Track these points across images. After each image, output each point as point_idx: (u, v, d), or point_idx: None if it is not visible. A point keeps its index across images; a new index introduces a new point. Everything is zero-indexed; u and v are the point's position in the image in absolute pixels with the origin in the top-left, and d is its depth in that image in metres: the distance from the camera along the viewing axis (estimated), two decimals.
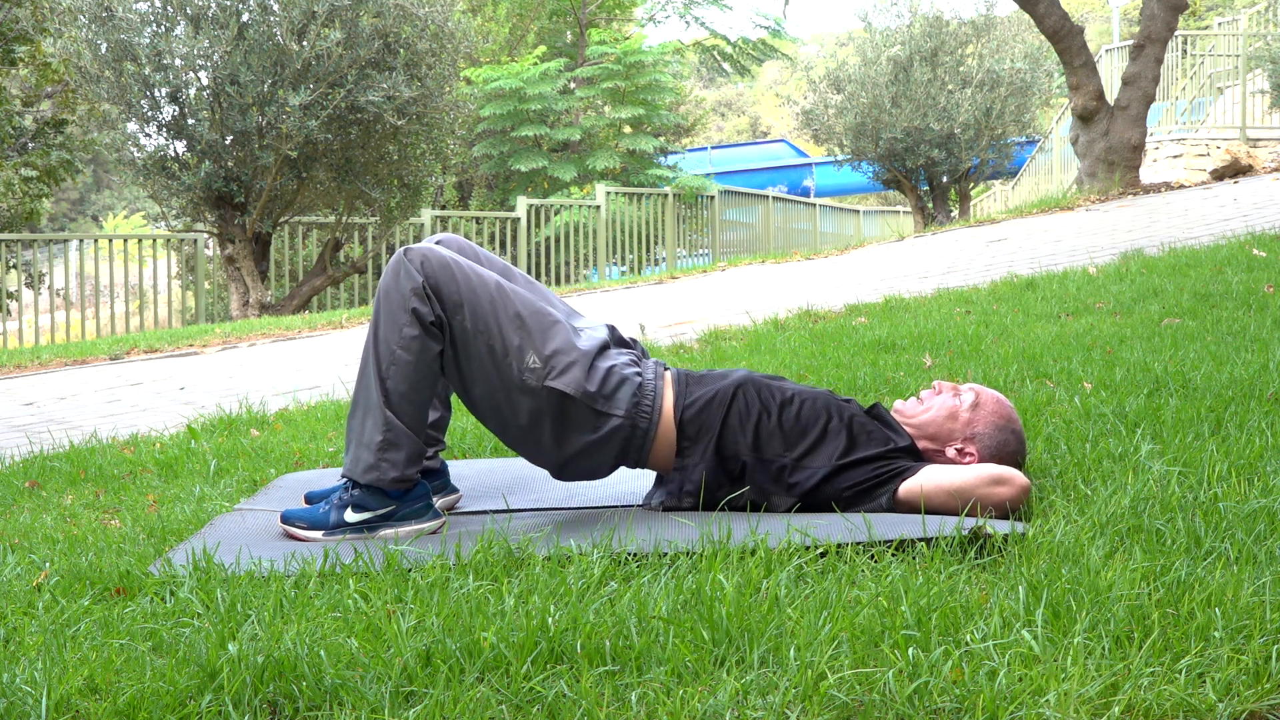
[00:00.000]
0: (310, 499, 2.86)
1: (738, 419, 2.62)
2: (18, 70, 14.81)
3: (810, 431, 2.62)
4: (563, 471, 2.69)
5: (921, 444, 2.72)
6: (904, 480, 2.55)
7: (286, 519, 2.66)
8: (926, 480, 2.52)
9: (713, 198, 16.74)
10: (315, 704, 1.73)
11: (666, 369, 2.75)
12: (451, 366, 2.62)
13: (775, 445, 2.61)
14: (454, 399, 3.15)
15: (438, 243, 2.73)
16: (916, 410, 2.74)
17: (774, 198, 18.51)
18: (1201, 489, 2.40)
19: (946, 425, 2.70)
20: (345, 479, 2.65)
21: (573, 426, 2.60)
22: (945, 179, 15.40)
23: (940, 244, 9.31)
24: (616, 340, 2.77)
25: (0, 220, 14.08)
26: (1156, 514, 2.29)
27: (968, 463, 2.66)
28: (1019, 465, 2.70)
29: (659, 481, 2.73)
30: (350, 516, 2.62)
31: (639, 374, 2.66)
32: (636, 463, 2.67)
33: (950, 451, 2.69)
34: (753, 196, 18.25)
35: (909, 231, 12.33)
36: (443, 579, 2.16)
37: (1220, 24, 19.53)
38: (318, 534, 2.63)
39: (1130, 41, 11.99)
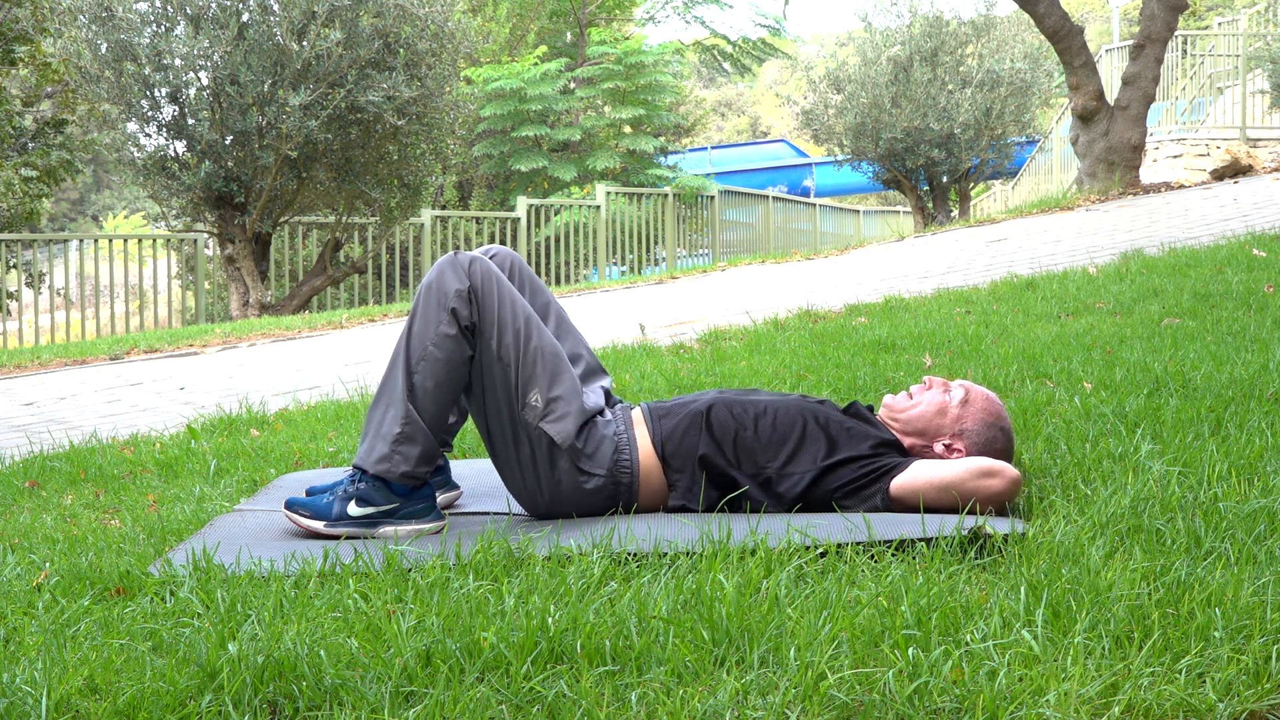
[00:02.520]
0: (312, 493, 2.85)
1: (715, 439, 2.64)
2: (18, 70, 14.81)
3: (789, 439, 2.63)
4: (544, 516, 2.70)
5: (909, 440, 2.72)
6: (894, 477, 2.55)
7: (290, 506, 2.67)
8: (918, 476, 2.53)
9: (713, 198, 16.74)
10: (315, 704, 1.73)
11: (632, 409, 2.76)
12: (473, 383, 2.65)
13: (756, 458, 2.62)
14: None
15: (492, 256, 2.77)
16: (906, 405, 2.74)
17: (774, 198, 18.50)
18: (1201, 489, 2.40)
19: (935, 421, 2.70)
20: (355, 470, 2.65)
21: (559, 474, 2.63)
22: (945, 179, 15.40)
23: (940, 244, 9.31)
24: (606, 392, 2.82)
25: (0, 220, 14.07)
26: (1156, 514, 2.29)
27: (955, 458, 2.66)
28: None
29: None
30: (353, 509, 2.62)
31: (614, 427, 2.69)
32: (627, 509, 2.68)
33: (938, 447, 2.69)
34: (753, 196, 18.24)
35: (909, 231, 12.33)
36: (443, 579, 2.16)
37: (1220, 24, 19.53)
38: (320, 524, 2.63)
39: (1130, 41, 11.99)
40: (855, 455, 2.60)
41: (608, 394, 2.83)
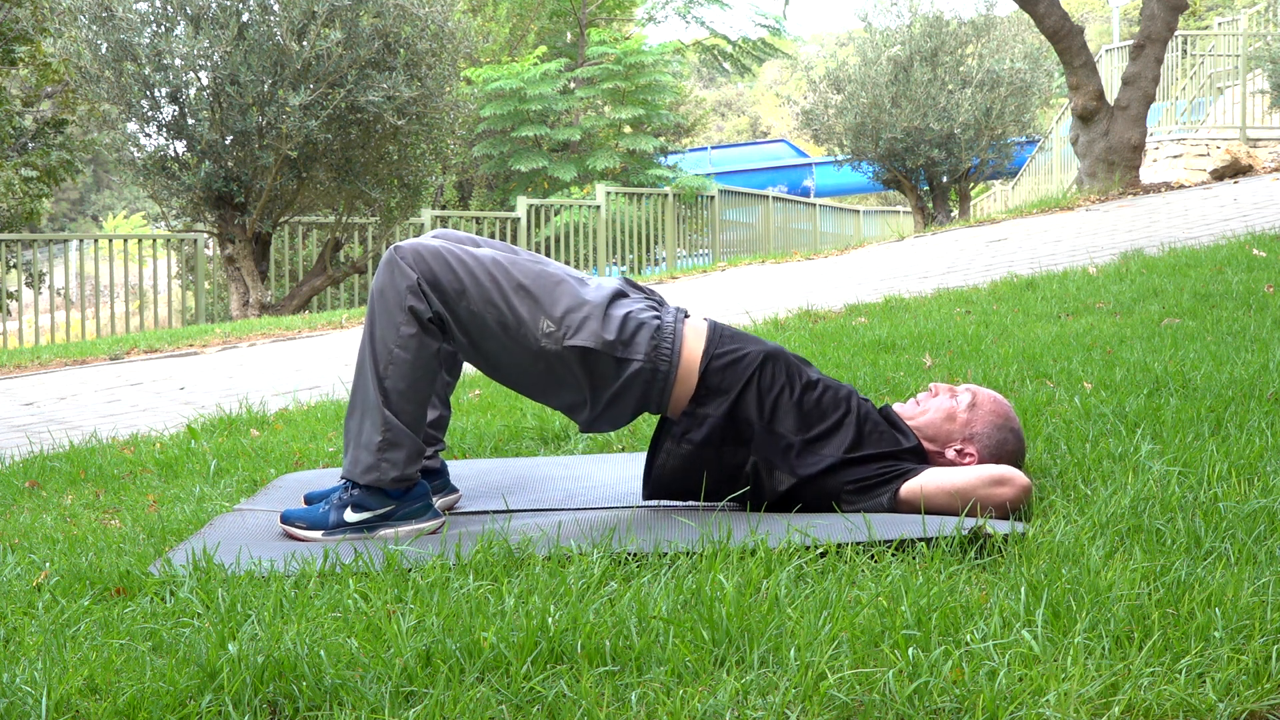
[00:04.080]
0: (310, 499, 2.86)
1: (760, 386, 2.61)
2: (18, 70, 14.81)
3: (827, 419, 2.61)
4: (595, 423, 2.68)
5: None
6: (906, 480, 2.55)
7: (286, 519, 2.66)
8: (928, 481, 2.52)
9: (713, 198, 16.74)
10: (315, 704, 1.73)
11: (688, 316, 2.73)
12: (471, 352, 2.62)
13: (788, 423, 2.60)
14: (452, 399, 3.15)
15: (434, 237, 2.72)
16: (914, 413, 2.74)
17: (774, 198, 18.50)
18: (1201, 489, 2.40)
19: (945, 427, 2.70)
20: (345, 480, 2.65)
21: (601, 378, 2.59)
22: (945, 179, 15.40)
23: (940, 244, 9.31)
24: (632, 286, 2.76)
25: (0, 220, 14.07)
26: (1156, 514, 2.29)
27: (968, 463, 2.66)
28: (1019, 464, 2.70)
29: (664, 425, 2.68)
30: (350, 516, 2.62)
31: (657, 317, 2.65)
32: (658, 407, 2.65)
33: (950, 453, 2.69)
34: (753, 196, 18.24)
35: (909, 231, 12.33)
36: (443, 579, 2.16)
37: (1220, 24, 19.53)
38: (317, 534, 2.63)
39: (1130, 41, 11.99)
40: (876, 454, 2.60)
41: (627, 280, 2.77)
